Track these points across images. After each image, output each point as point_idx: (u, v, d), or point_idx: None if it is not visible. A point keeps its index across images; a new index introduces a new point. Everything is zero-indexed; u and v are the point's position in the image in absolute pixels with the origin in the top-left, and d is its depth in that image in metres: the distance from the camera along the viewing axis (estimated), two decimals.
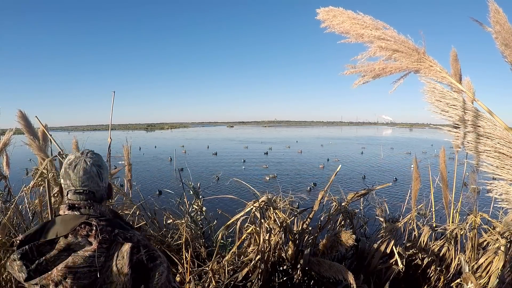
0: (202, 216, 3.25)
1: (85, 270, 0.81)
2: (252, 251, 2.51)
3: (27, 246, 0.81)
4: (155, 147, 33.23)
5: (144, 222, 2.90)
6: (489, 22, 1.31)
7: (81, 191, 0.91)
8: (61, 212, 0.90)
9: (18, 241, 0.85)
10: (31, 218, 2.86)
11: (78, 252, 0.82)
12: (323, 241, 2.48)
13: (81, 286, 0.81)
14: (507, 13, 1.28)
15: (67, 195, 0.93)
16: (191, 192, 3.27)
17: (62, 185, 0.94)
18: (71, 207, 0.89)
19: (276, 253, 2.53)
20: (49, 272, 0.80)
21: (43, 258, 0.81)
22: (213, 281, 2.39)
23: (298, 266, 2.46)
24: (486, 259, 2.32)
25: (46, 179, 1.44)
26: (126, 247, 0.85)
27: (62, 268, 0.80)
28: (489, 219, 2.51)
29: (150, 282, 0.87)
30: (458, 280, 2.31)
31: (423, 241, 2.64)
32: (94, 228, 0.84)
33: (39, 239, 0.85)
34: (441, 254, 2.56)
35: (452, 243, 2.53)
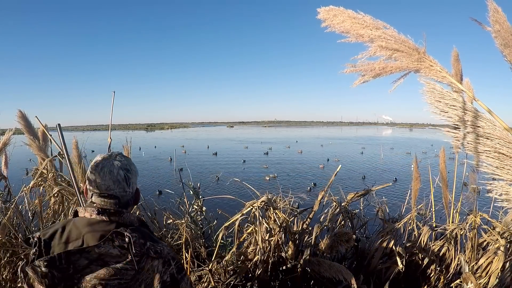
0: (202, 216, 3.25)
1: (115, 283, 0.79)
2: (252, 251, 2.51)
3: (56, 254, 0.77)
4: (155, 147, 33.23)
5: None
6: (489, 21, 1.31)
7: (106, 195, 0.89)
8: (86, 215, 0.86)
9: (35, 239, 0.82)
10: (31, 218, 2.86)
11: (109, 263, 0.80)
12: (323, 241, 2.48)
13: None
14: (506, 12, 1.28)
15: (91, 197, 0.90)
16: (191, 192, 3.27)
17: (87, 187, 0.92)
18: (101, 212, 0.86)
19: (276, 253, 2.53)
20: (76, 281, 0.77)
21: (71, 266, 0.77)
22: (213, 281, 2.39)
23: (298, 266, 2.46)
24: (486, 259, 2.32)
25: (74, 180, 1.43)
26: (157, 262, 0.84)
27: (91, 279, 0.78)
28: (489, 219, 2.51)
29: None
30: (458, 280, 2.31)
31: (423, 241, 2.63)
32: (127, 239, 0.81)
33: (59, 240, 0.83)
34: (441, 254, 2.55)
35: (452, 243, 2.52)
